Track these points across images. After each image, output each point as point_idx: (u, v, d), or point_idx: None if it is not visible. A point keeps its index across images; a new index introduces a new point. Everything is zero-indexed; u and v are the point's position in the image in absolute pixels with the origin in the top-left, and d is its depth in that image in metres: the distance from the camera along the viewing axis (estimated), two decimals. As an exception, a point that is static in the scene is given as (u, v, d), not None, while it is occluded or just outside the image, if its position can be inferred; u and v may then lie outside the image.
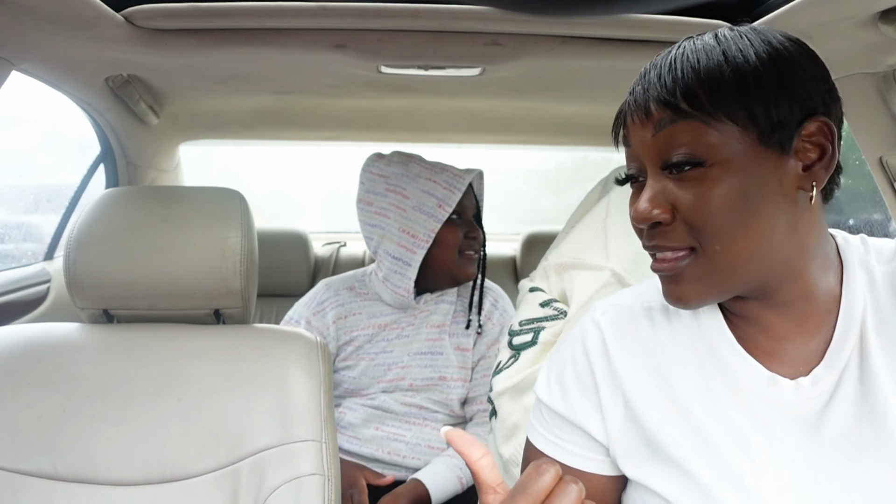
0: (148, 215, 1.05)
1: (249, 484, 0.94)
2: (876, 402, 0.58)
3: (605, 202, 1.14)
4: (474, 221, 1.54)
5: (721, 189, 0.57)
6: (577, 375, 0.72)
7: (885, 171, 1.19)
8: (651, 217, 0.60)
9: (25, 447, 0.94)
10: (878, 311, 0.62)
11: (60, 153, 2.16)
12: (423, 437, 1.44)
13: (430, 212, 1.43)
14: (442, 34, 1.20)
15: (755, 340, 0.65)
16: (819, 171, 0.59)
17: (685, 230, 0.59)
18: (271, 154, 2.92)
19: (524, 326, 1.11)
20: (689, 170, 0.58)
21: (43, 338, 1.04)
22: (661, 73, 0.60)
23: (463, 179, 1.46)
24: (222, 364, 1.02)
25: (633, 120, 0.62)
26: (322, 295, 1.53)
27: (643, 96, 0.61)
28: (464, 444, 0.51)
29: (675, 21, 1.12)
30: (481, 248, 1.55)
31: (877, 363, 0.60)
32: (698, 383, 0.65)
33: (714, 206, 0.57)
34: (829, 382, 0.61)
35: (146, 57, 1.25)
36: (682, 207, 0.59)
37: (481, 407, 1.47)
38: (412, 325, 1.49)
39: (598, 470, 0.71)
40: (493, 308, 1.55)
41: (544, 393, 0.74)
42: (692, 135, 0.57)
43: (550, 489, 0.47)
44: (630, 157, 0.64)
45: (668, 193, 0.60)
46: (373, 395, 1.46)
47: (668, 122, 0.58)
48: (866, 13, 0.93)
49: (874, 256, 0.66)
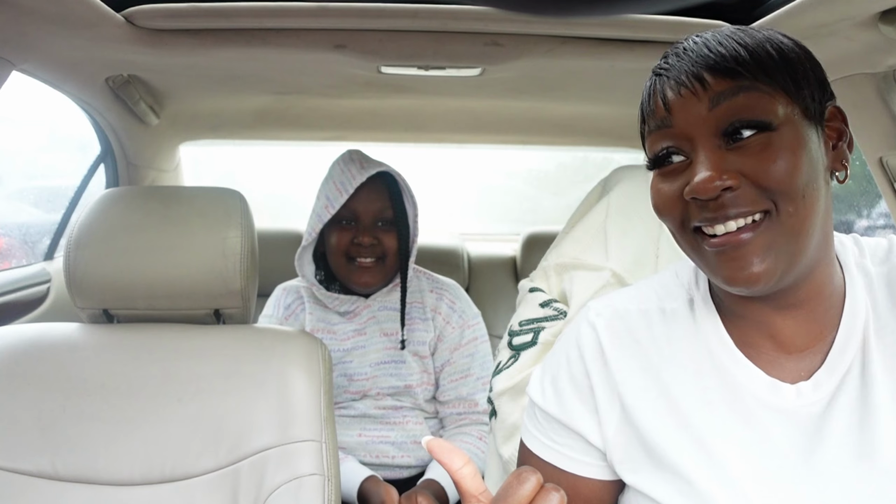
0: (148, 215, 1.05)
1: (249, 484, 0.94)
2: (875, 407, 0.58)
3: (605, 202, 1.14)
4: (378, 226, 1.42)
5: (789, 151, 0.56)
6: (573, 378, 0.71)
7: (886, 172, 1.19)
8: (718, 185, 0.56)
9: (25, 447, 0.94)
10: (876, 314, 0.62)
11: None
12: (408, 435, 1.44)
13: (318, 212, 1.41)
14: (442, 34, 1.20)
15: (758, 346, 0.64)
16: (844, 151, 0.61)
17: (756, 193, 0.57)
18: (271, 154, 2.93)
19: (524, 327, 1.11)
20: (752, 136, 0.57)
21: (43, 338, 1.04)
22: (711, 48, 0.59)
23: (355, 180, 1.37)
24: (222, 364, 1.02)
25: (681, 94, 0.59)
26: (286, 299, 1.51)
27: (693, 69, 0.59)
28: (444, 454, 0.51)
29: (676, 21, 1.12)
30: (385, 257, 1.43)
31: (876, 368, 0.59)
32: (696, 388, 0.64)
33: (786, 165, 0.56)
34: (830, 387, 0.60)
35: (146, 57, 1.25)
36: (751, 172, 0.57)
37: (454, 410, 1.46)
38: (363, 335, 1.46)
39: (594, 475, 0.70)
40: (450, 311, 1.49)
41: (538, 395, 0.73)
42: (756, 102, 0.57)
43: (532, 497, 0.47)
44: (671, 136, 0.61)
45: (730, 162, 0.57)
46: (345, 405, 1.45)
47: (729, 93, 0.57)
48: (866, 13, 0.93)
49: (868, 258, 0.66)
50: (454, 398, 1.47)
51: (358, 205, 1.40)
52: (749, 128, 0.57)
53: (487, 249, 2.39)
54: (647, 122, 0.63)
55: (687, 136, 0.59)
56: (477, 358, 1.49)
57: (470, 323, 1.51)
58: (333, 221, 1.42)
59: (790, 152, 0.56)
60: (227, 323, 1.11)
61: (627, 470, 0.67)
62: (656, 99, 0.61)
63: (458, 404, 1.47)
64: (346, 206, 1.39)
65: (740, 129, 0.57)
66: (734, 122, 0.57)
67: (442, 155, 2.79)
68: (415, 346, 1.46)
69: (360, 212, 1.41)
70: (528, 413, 0.76)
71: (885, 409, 0.58)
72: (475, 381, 1.47)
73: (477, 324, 1.52)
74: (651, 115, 0.62)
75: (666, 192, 0.61)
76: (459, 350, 1.48)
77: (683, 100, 0.59)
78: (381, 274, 1.43)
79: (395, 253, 1.43)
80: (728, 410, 0.62)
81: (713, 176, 0.56)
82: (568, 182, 3.01)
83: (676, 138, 0.60)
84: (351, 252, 1.41)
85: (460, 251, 2.24)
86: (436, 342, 1.48)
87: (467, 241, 2.41)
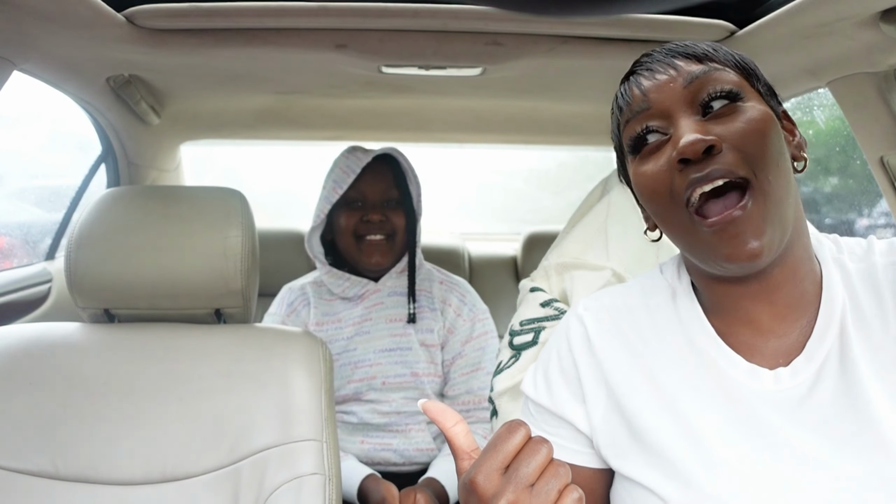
0: (149, 215, 1.05)
1: (250, 483, 0.94)
2: (858, 394, 0.60)
3: (605, 202, 1.14)
4: (386, 206, 1.46)
5: (758, 115, 0.62)
6: (562, 369, 0.73)
7: (886, 171, 1.19)
8: (705, 141, 0.59)
9: (26, 446, 0.94)
10: (856, 306, 0.64)
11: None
12: (410, 443, 1.44)
13: (326, 195, 1.44)
14: (443, 34, 1.20)
15: (738, 334, 0.67)
16: (801, 142, 0.68)
17: (736, 157, 0.60)
18: (272, 153, 2.93)
19: (525, 326, 1.11)
20: (725, 106, 0.62)
21: (44, 337, 1.04)
22: (679, 45, 0.66)
23: (360, 161, 1.41)
24: (223, 363, 1.02)
25: (656, 78, 0.64)
26: (289, 297, 1.53)
27: (665, 59, 0.65)
28: (438, 413, 0.56)
29: (676, 21, 1.12)
30: (394, 234, 1.45)
31: (857, 357, 0.62)
32: (680, 374, 0.67)
33: (757, 128, 0.61)
34: (808, 374, 0.63)
35: (147, 57, 1.25)
36: (728, 136, 0.60)
37: (463, 407, 1.46)
38: (369, 321, 1.46)
39: (585, 462, 0.72)
40: (461, 304, 1.51)
41: (530, 388, 0.76)
42: (723, 77, 0.63)
43: (520, 448, 0.50)
44: (649, 116, 0.65)
45: (708, 129, 0.61)
46: (347, 411, 1.45)
47: (700, 73, 0.63)
48: (867, 13, 0.93)
49: (847, 255, 0.68)
50: (464, 392, 1.46)
51: (365, 186, 1.44)
52: (721, 98, 0.62)
53: (488, 249, 2.39)
54: (623, 113, 0.67)
55: (665, 113, 0.64)
56: (487, 352, 1.49)
57: (480, 317, 1.51)
58: (341, 204, 1.44)
59: (760, 121, 0.61)
60: (228, 322, 1.11)
61: (613, 455, 0.69)
62: (631, 90, 0.66)
63: (466, 399, 1.46)
64: (354, 188, 1.42)
65: (713, 99, 0.62)
66: (708, 92, 0.62)
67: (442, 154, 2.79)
68: (422, 334, 1.46)
69: (367, 192, 1.45)
70: (522, 410, 0.79)
71: (872, 395, 0.59)
72: (485, 375, 1.47)
73: (486, 319, 1.53)
74: (627, 106, 0.67)
75: (651, 169, 0.64)
76: (470, 343, 1.48)
77: (658, 83, 0.64)
78: (391, 252, 1.46)
79: (403, 231, 1.46)
80: (711, 396, 0.64)
81: (697, 136, 0.60)
82: (568, 181, 3.02)
83: (654, 117, 0.64)
84: (360, 230, 1.44)
85: (461, 251, 2.24)
86: (446, 334, 1.49)
87: (468, 240, 2.41)
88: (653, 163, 0.64)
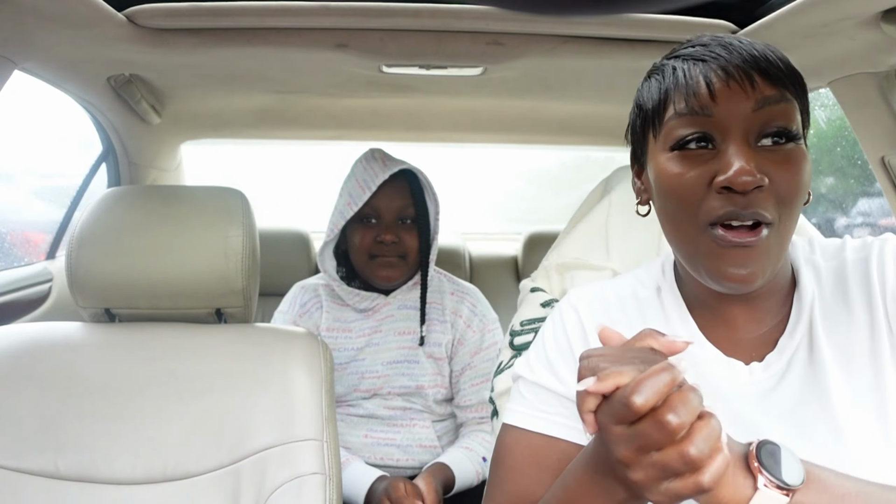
0: (149, 214, 1.05)
1: (251, 483, 0.94)
2: (821, 384, 0.64)
3: (606, 202, 1.14)
4: (400, 224, 1.43)
5: (802, 162, 0.61)
6: (559, 349, 0.75)
7: (887, 171, 1.19)
8: (756, 180, 0.58)
9: (27, 446, 0.94)
10: (823, 302, 0.68)
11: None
12: (414, 438, 1.44)
13: (341, 209, 1.42)
14: (443, 34, 1.20)
15: (716, 331, 0.70)
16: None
17: (774, 202, 0.60)
18: (273, 153, 2.93)
19: (525, 327, 1.11)
20: (783, 143, 0.61)
21: (45, 337, 1.04)
22: (759, 52, 0.62)
23: (377, 177, 1.38)
24: (224, 363, 1.02)
25: (729, 86, 0.60)
26: (302, 297, 1.52)
27: (744, 66, 0.60)
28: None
29: (677, 21, 1.12)
30: (406, 255, 1.43)
31: (823, 348, 0.65)
32: None
33: (802, 179, 0.61)
34: (779, 366, 0.67)
35: (148, 56, 1.25)
36: (777, 178, 0.60)
37: (476, 415, 1.47)
38: (379, 332, 1.46)
39: (583, 440, 0.71)
40: (472, 315, 1.50)
41: (525, 370, 0.76)
42: (792, 113, 0.62)
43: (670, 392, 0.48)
44: (708, 124, 0.62)
45: (760, 163, 0.60)
46: (354, 403, 1.45)
47: (773, 100, 0.61)
48: (868, 13, 0.93)
49: (819, 254, 0.72)
50: (476, 402, 1.46)
51: (380, 202, 1.41)
52: (782, 136, 0.61)
53: (489, 249, 2.39)
54: (677, 102, 0.63)
55: (724, 129, 0.61)
56: (497, 363, 1.49)
57: (490, 327, 1.51)
58: (356, 219, 1.43)
59: (803, 170, 0.61)
60: (229, 322, 1.11)
61: None
62: (699, 82, 0.62)
63: (479, 409, 1.46)
64: (369, 204, 1.40)
65: (774, 135, 0.61)
66: (774, 127, 0.61)
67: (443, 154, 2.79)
68: (430, 347, 1.46)
69: (383, 209, 1.42)
70: (512, 396, 0.78)
71: (832, 384, 0.63)
72: None
73: (496, 329, 1.53)
74: (688, 97, 0.62)
75: (691, 177, 0.62)
76: (480, 354, 1.48)
77: (731, 92, 0.60)
78: (403, 269, 1.45)
79: (416, 251, 1.44)
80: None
81: (751, 171, 0.58)
82: (569, 181, 3.02)
83: (712, 127, 0.62)
84: (373, 250, 1.43)
85: (462, 251, 2.24)
86: (455, 345, 1.48)
87: (469, 240, 2.41)
88: (688, 168, 0.62)
